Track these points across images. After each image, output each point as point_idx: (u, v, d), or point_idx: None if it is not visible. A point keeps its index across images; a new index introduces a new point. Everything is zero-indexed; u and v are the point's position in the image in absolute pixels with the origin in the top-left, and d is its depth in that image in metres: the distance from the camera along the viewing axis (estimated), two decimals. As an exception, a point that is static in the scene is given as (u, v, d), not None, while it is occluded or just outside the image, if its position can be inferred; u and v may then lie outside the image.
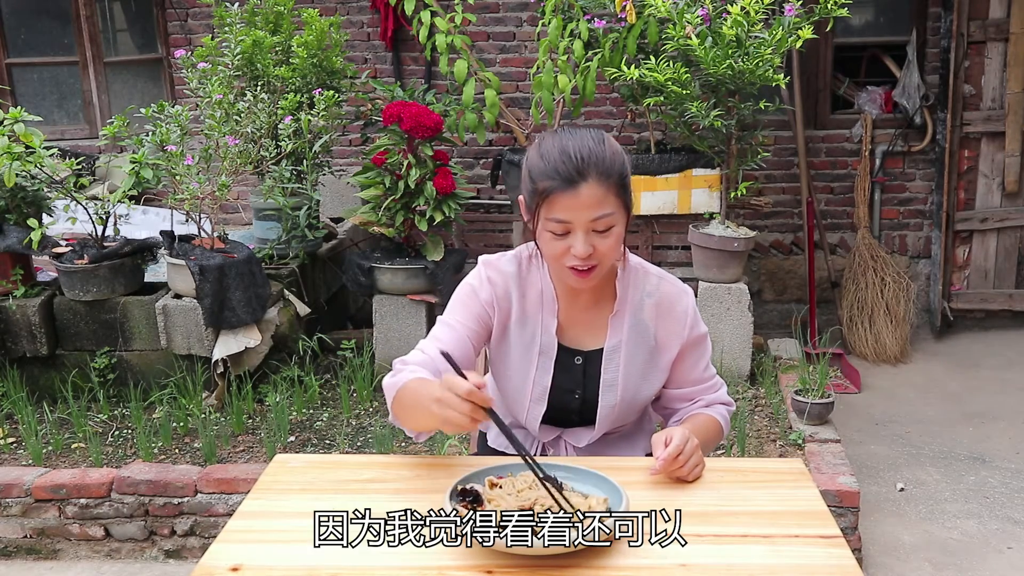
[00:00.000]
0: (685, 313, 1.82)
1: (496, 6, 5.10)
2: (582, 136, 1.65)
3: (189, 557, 3.12)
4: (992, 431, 3.94)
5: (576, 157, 1.61)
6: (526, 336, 1.82)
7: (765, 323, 5.07)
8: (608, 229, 1.64)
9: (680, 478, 1.62)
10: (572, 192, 1.60)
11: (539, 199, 1.64)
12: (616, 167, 1.64)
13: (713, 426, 1.85)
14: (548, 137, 1.69)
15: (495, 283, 1.82)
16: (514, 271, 1.83)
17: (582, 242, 1.63)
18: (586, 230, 1.63)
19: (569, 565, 1.37)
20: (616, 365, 1.81)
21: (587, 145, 1.63)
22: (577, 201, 1.61)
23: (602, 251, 1.65)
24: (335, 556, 1.42)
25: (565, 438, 1.89)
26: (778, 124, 4.92)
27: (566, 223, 1.63)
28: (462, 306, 1.82)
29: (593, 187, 1.61)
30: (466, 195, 4.26)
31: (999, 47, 4.74)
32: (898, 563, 3.00)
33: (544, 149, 1.66)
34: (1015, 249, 4.96)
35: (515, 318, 1.83)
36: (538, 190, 1.64)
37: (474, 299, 1.81)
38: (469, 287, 1.83)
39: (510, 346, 1.83)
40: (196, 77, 3.94)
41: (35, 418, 3.60)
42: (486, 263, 1.84)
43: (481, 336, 1.82)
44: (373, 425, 3.65)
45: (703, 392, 1.89)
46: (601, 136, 1.67)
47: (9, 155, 3.52)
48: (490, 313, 1.81)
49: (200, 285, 3.70)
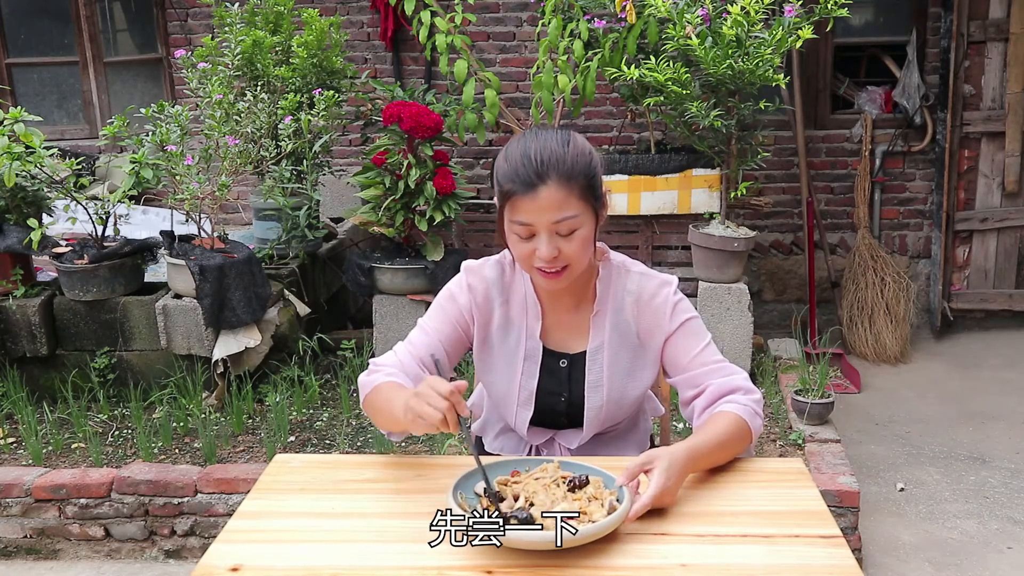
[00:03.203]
0: (664, 303, 1.78)
1: (496, 6, 5.10)
2: (546, 138, 1.63)
3: (189, 557, 3.12)
4: (992, 431, 3.94)
5: (536, 159, 1.59)
6: (511, 341, 1.82)
7: (765, 323, 5.07)
8: (572, 232, 1.63)
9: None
10: (532, 195, 1.59)
11: (502, 201, 1.64)
12: (579, 168, 1.61)
13: (732, 426, 1.66)
14: (516, 139, 1.68)
15: (475, 289, 1.82)
16: (496, 276, 1.82)
17: (546, 244, 1.62)
18: (549, 232, 1.62)
19: (569, 565, 1.37)
20: (600, 366, 1.80)
21: (549, 147, 1.61)
22: (536, 204, 1.59)
23: (568, 253, 1.64)
24: (335, 556, 1.42)
25: (558, 440, 1.89)
26: (778, 124, 4.92)
27: (528, 225, 1.62)
28: (440, 311, 1.83)
29: (553, 190, 1.59)
30: (466, 195, 4.26)
31: (999, 47, 4.74)
32: (898, 563, 3.00)
33: (509, 151, 1.65)
34: (1015, 249, 4.96)
35: (498, 324, 1.82)
36: (502, 191, 1.64)
37: (452, 305, 1.82)
38: (448, 293, 1.84)
39: (494, 352, 1.83)
40: (196, 77, 3.94)
41: (35, 418, 3.60)
42: (467, 269, 1.84)
43: (457, 342, 1.83)
44: (373, 425, 3.65)
45: (709, 375, 1.75)
46: (567, 138, 1.64)
47: (9, 155, 3.52)
48: (468, 320, 1.82)
49: (200, 285, 3.70)
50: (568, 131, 1.68)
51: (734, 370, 1.77)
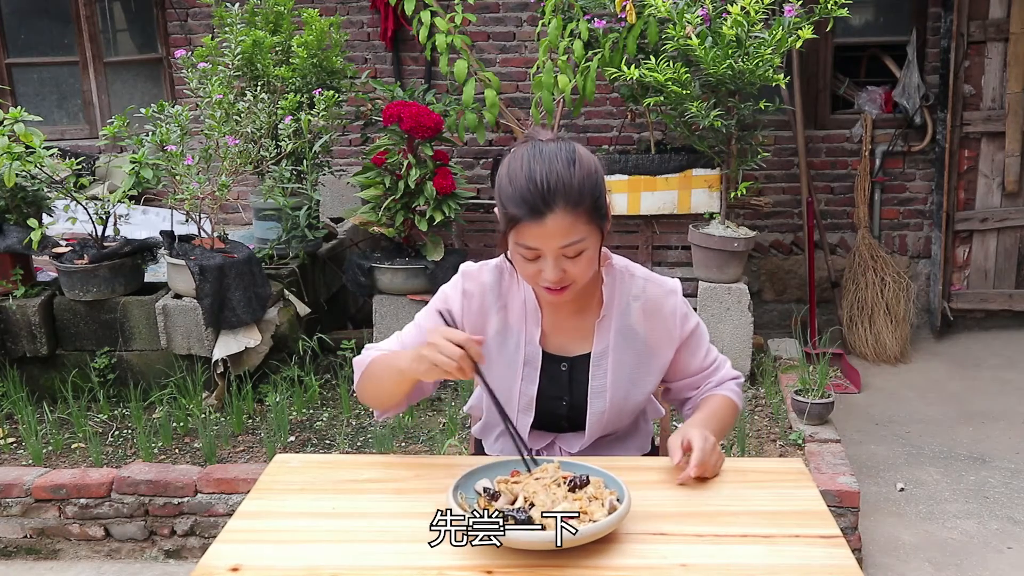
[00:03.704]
0: (673, 313, 1.80)
1: (496, 6, 5.10)
2: (551, 159, 1.58)
3: (189, 557, 3.12)
4: (992, 431, 3.94)
5: (542, 185, 1.55)
6: (509, 347, 1.81)
7: (765, 323, 5.07)
8: (579, 254, 1.62)
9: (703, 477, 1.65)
10: (539, 222, 1.56)
11: (508, 224, 1.61)
12: (586, 192, 1.58)
13: (727, 406, 1.86)
14: (518, 154, 1.62)
15: (470, 295, 1.81)
16: (494, 281, 1.81)
17: (551, 268, 1.61)
18: (556, 256, 1.60)
19: (569, 565, 1.37)
20: (604, 371, 1.80)
21: (555, 170, 1.56)
22: (543, 231, 1.57)
23: (573, 273, 1.63)
24: (335, 556, 1.42)
25: (559, 444, 1.88)
26: (778, 124, 4.92)
27: (535, 250, 1.61)
28: (434, 314, 1.83)
29: (560, 217, 1.56)
30: (466, 195, 4.25)
31: (999, 47, 4.74)
32: (898, 563, 3.00)
33: (512, 170, 1.61)
34: (1015, 249, 4.96)
35: (496, 329, 1.81)
36: (507, 215, 1.61)
37: (445, 308, 1.82)
38: (443, 295, 1.84)
39: (493, 357, 1.81)
40: (196, 77, 3.94)
41: (35, 418, 3.60)
42: (464, 273, 1.83)
43: None
44: (373, 425, 3.65)
45: (708, 376, 1.90)
46: (571, 156, 1.59)
47: (9, 155, 3.52)
48: (459, 325, 1.80)
49: (200, 285, 3.70)
50: (572, 146, 1.62)
51: (724, 362, 1.94)
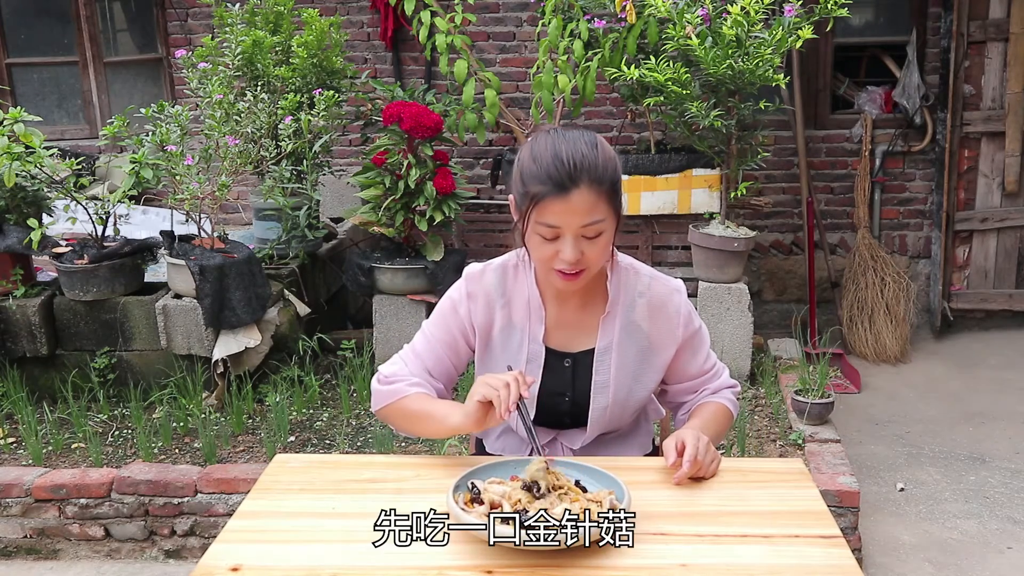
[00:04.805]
0: (678, 312, 1.82)
1: (496, 6, 5.10)
2: (575, 140, 1.62)
3: (189, 557, 3.12)
4: (992, 431, 3.94)
5: (569, 162, 1.59)
6: (513, 343, 1.82)
7: (765, 323, 5.07)
8: (598, 235, 1.64)
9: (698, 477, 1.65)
10: (563, 198, 1.59)
11: (530, 203, 1.62)
12: (608, 173, 1.62)
13: (722, 413, 1.88)
14: (541, 138, 1.66)
15: (475, 297, 1.83)
16: (498, 280, 1.83)
17: (571, 248, 1.62)
18: (576, 236, 1.62)
19: (569, 565, 1.37)
20: (607, 366, 1.80)
21: (580, 150, 1.60)
22: (568, 207, 1.59)
23: (590, 257, 1.65)
24: (335, 556, 1.42)
25: (561, 440, 1.89)
26: (778, 124, 4.92)
27: (556, 228, 1.62)
28: (441, 319, 1.86)
29: (585, 193, 1.59)
30: (466, 195, 4.26)
31: (999, 47, 4.74)
32: (898, 563, 3.00)
33: (536, 151, 1.64)
34: (1015, 249, 4.96)
35: (500, 326, 1.83)
36: (529, 193, 1.62)
37: (453, 314, 1.84)
38: (450, 302, 1.86)
39: (496, 354, 1.84)
40: (196, 77, 3.94)
41: (35, 418, 3.60)
42: (468, 277, 1.85)
43: (459, 348, 1.86)
44: (373, 425, 3.65)
45: (706, 382, 1.91)
46: (594, 140, 1.64)
47: (9, 155, 3.51)
48: (469, 331, 1.84)
49: (200, 285, 3.70)
50: (592, 133, 1.67)
51: (722, 369, 1.95)
